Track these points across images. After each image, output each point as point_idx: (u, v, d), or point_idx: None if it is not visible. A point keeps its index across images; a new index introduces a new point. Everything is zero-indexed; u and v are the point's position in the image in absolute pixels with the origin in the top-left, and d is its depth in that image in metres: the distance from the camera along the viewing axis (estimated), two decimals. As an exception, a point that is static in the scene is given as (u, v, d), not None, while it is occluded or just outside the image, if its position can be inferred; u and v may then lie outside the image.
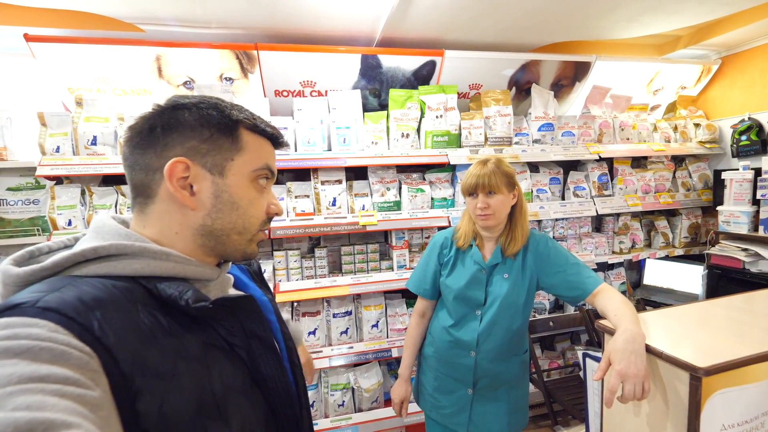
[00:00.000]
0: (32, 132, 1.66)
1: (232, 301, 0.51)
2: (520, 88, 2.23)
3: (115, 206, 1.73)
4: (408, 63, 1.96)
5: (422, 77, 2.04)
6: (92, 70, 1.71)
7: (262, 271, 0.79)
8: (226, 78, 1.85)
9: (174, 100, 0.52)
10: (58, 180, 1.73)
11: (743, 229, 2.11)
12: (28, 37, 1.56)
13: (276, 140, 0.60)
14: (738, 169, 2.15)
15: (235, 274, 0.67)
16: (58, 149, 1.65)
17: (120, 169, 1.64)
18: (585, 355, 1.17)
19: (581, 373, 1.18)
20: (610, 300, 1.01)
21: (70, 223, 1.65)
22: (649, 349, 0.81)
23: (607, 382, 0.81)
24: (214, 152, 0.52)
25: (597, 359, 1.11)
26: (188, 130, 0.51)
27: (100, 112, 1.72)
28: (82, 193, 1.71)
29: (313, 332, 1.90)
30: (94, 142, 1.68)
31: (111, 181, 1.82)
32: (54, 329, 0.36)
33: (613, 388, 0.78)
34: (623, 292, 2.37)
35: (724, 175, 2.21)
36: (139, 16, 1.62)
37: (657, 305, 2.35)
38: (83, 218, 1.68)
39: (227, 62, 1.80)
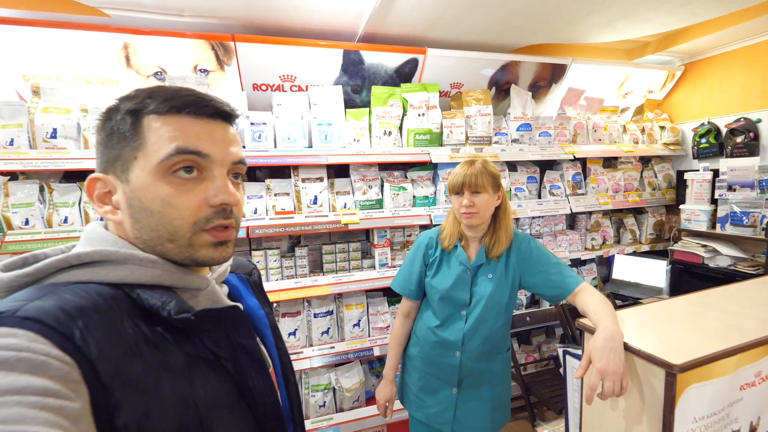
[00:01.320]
0: (-19, 123, 1.52)
1: (216, 312, 0.48)
2: (500, 88, 2.27)
3: (79, 203, 1.62)
4: (390, 60, 1.95)
5: (404, 75, 2.03)
6: (51, 56, 1.58)
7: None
8: (200, 70, 1.76)
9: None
10: (13, 175, 1.59)
11: (703, 227, 2.25)
12: (-25, 18, 1.42)
13: (193, 108, 0.48)
14: (699, 170, 2.29)
15: (233, 284, 0.64)
16: (12, 142, 1.51)
17: (84, 165, 1.53)
18: (565, 353, 1.20)
19: (561, 370, 1.22)
20: (590, 299, 1.05)
21: (27, 223, 1.52)
22: (627, 347, 0.84)
23: (588, 379, 0.84)
24: (122, 158, 0.47)
25: (576, 356, 1.15)
26: (101, 145, 0.49)
27: (61, 102, 1.59)
28: (41, 189, 1.58)
29: (294, 333, 1.87)
30: (54, 135, 1.55)
31: (73, 177, 1.70)
32: (33, 339, 0.35)
33: (593, 385, 0.81)
34: (595, 287, 2.48)
35: (686, 176, 2.35)
36: (104, 0, 1.51)
37: (625, 298, 2.48)
38: (42, 217, 1.55)
39: (202, 53, 1.71)
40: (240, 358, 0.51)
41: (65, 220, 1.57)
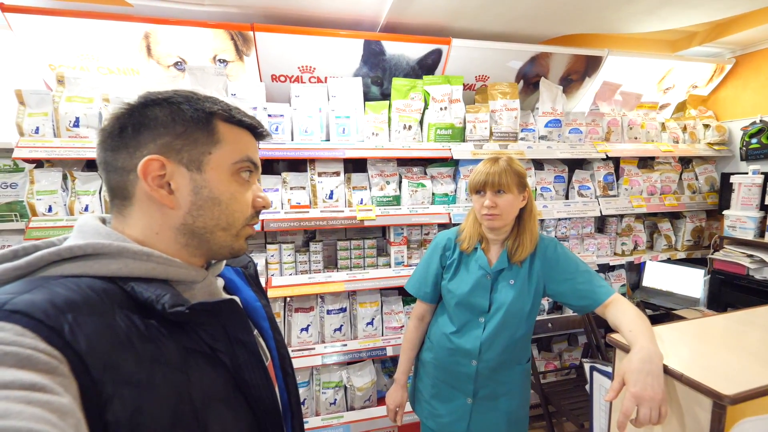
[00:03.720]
0: (9, 111, 1.55)
1: (211, 305, 0.48)
2: (528, 81, 2.15)
3: (99, 192, 1.64)
4: (413, 51, 1.86)
5: (427, 66, 1.95)
6: (75, 46, 1.60)
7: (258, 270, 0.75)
8: (219, 60, 1.74)
9: (144, 96, 0.50)
10: (38, 163, 1.63)
11: (749, 235, 2.07)
12: (4, 8, 1.45)
13: (255, 130, 0.57)
14: (747, 173, 2.10)
15: (229, 277, 0.65)
16: (37, 130, 1.55)
17: (104, 154, 1.55)
18: (592, 368, 1.12)
19: (587, 387, 1.14)
20: (623, 313, 0.96)
21: (50, 210, 1.56)
22: (666, 371, 0.76)
23: (622, 404, 0.76)
24: (190, 147, 0.50)
25: (606, 374, 1.06)
26: (160, 126, 0.49)
27: (84, 91, 1.61)
28: (64, 177, 1.62)
29: (306, 329, 1.84)
30: (76, 124, 1.58)
31: (95, 166, 1.72)
32: (20, 332, 0.34)
33: (627, 411, 0.73)
34: (623, 294, 2.34)
35: (732, 179, 2.16)
36: (126, -11, 1.51)
37: (656, 307, 2.32)
38: (65, 204, 1.59)
39: (221, 43, 1.69)
40: (237, 352, 0.52)
41: (86, 208, 1.60)
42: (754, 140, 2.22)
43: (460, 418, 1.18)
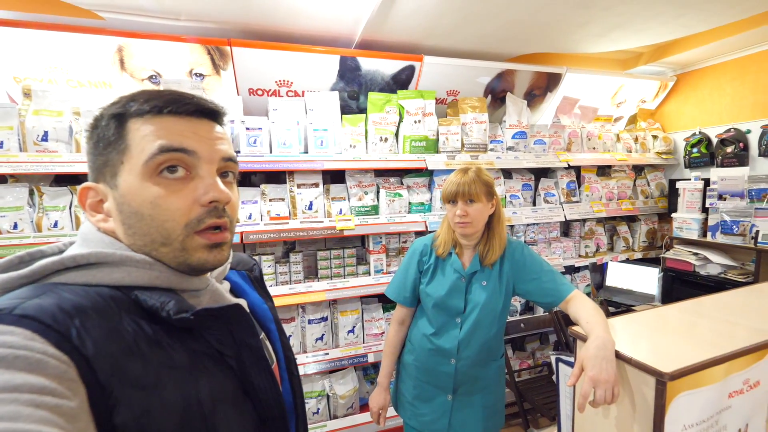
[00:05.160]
0: (-30, 125, 1.49)
1: (216, 311, 0.48)
2: (496, 96, 2.28)
3: (69, 207, 1.59)
4: (387, 66, 1.95)
5: (401, 81, 2.04)
6: (43, 58, 1.56)
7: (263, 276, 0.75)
8: (196, 74, 1.75)
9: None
10: (2, 179, 1.56)
11: (694, 235, 2.28)
12: (-35, 19, 1.40)
13: (180, 104, 0.47)
14: (690, 179, 2.32)
15: (234, 280, 0.64)
16: (1, 144, 1.49)
17: (75, 168, 1.52)
18: (558, 360, 1.21)
19: (554, 377, 1.23)
20: (582, 307, 1.06)
21: (15, 227, 1.50)
22: (618, 355, 0.84)
23: (581, 387, 0.85)
24: (110, 163, 0.47)
25: (569, 364, 1.15)
26: (90, 153, 0.48)
27: (52, 104, 1.57)
28: (31, 193, 1.56)
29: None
30: (45, 138, 1.53)
31: (65, 180, 1.67)
32: (30, 337, 0.35)
33: (585, 393, 0.82)
34: (588, 294, 2.50)
35: (678, 185, 2.38)
36: (99, 3, 1.49)
37: (618, 305, 2.50)
38: (32, 221, 1.53)
39: (198, 57, 1.70)
40: (243, 355, 0.51)
41: (55, 224, 1.55)
42: (695, 150, 2.47)
43: (441, 416, 1.25)
